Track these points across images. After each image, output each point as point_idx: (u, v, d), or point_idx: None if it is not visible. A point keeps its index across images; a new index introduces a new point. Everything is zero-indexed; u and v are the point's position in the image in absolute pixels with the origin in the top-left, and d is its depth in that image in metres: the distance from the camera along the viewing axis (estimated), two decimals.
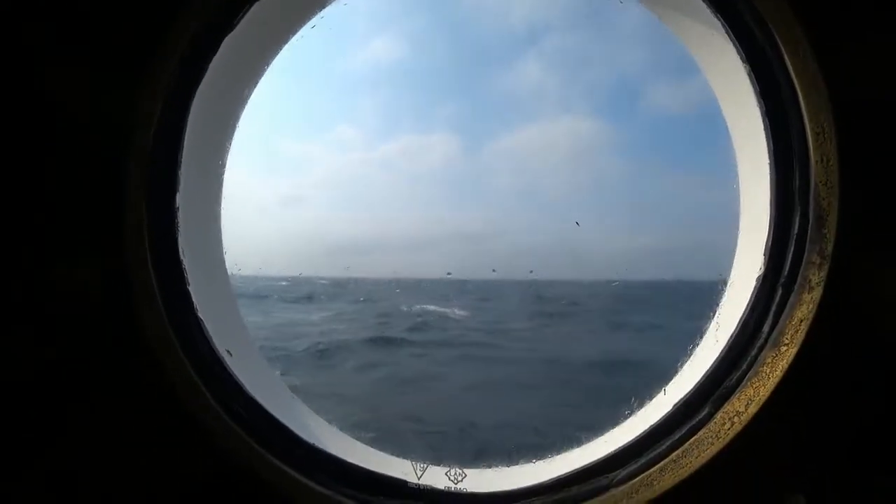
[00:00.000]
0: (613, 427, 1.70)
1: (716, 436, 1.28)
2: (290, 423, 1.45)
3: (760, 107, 1.34)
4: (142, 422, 1.30)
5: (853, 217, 1.20)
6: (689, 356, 1.70)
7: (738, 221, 1.63)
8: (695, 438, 1.31)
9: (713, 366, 1.37)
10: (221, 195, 1.60)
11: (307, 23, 1.44)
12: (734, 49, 1.36)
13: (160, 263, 1.33)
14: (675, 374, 1.71)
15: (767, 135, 1.35)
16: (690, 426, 1.33)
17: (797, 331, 1.24)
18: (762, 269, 1.36)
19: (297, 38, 1.47)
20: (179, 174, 1.35)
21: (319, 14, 1.42)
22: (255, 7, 1.32)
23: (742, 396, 1.28)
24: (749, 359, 1.31)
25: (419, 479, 1.46)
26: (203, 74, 1.34)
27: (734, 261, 1.67)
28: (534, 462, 1.60)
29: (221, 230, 1.63)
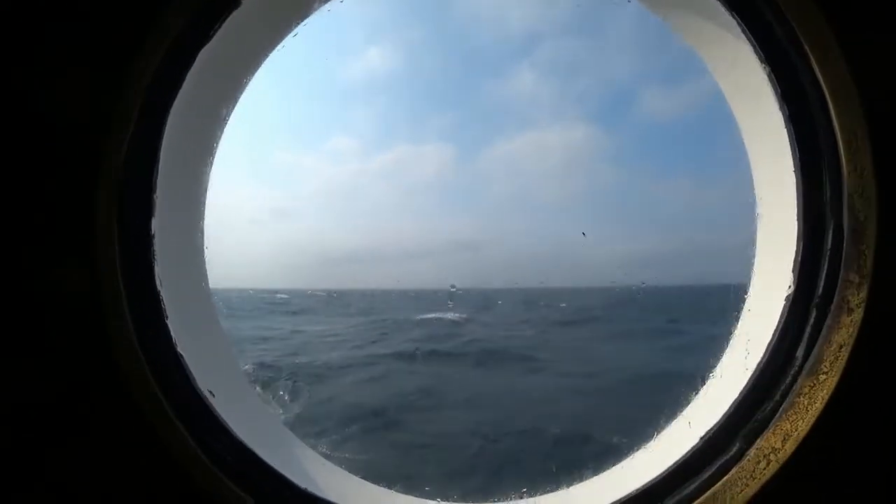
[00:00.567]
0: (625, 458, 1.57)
1: (750, 475, 1.15)
2: (282, 467, 1.33)
3: (783, 111, 1.24)
4: (117, 463, 1.19)
5: (894, 231, 1.09)
6: (706, 380, 1.58)
7: (754, 228, 1.53)
8: (727, 479, 1.18)
9: (741, 395, 1.25)
10: (203, 218, 1.50)
11: (288, 33, 1.34)
12: (751, 49, 1.25)
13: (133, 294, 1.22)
14: (693, 398, 1.59)
15: (791, 141, 1.24)
16: (720, 465, 1.20)
17: (837, 357, 1.11)
18: (791, 288, 1.23)
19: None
20: (154, 198, 1.25)
21: (303, 23, 1.32)
22: (234, 15, 1.23)
23: (777, 431, 1.15)
24: (783, 388, 1.19)
25: None
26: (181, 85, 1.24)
27: (752, 272, 1.55)
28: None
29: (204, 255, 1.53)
